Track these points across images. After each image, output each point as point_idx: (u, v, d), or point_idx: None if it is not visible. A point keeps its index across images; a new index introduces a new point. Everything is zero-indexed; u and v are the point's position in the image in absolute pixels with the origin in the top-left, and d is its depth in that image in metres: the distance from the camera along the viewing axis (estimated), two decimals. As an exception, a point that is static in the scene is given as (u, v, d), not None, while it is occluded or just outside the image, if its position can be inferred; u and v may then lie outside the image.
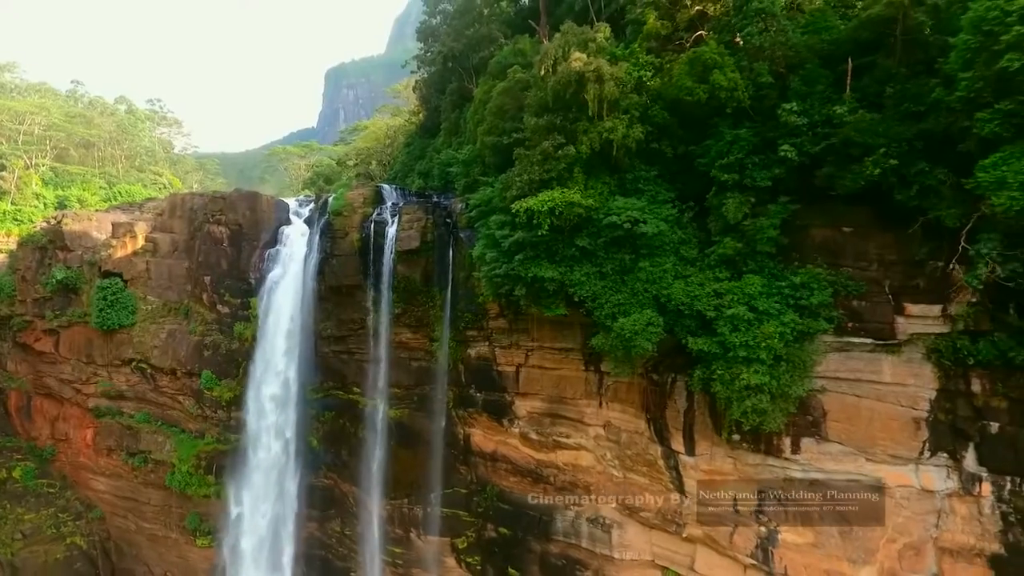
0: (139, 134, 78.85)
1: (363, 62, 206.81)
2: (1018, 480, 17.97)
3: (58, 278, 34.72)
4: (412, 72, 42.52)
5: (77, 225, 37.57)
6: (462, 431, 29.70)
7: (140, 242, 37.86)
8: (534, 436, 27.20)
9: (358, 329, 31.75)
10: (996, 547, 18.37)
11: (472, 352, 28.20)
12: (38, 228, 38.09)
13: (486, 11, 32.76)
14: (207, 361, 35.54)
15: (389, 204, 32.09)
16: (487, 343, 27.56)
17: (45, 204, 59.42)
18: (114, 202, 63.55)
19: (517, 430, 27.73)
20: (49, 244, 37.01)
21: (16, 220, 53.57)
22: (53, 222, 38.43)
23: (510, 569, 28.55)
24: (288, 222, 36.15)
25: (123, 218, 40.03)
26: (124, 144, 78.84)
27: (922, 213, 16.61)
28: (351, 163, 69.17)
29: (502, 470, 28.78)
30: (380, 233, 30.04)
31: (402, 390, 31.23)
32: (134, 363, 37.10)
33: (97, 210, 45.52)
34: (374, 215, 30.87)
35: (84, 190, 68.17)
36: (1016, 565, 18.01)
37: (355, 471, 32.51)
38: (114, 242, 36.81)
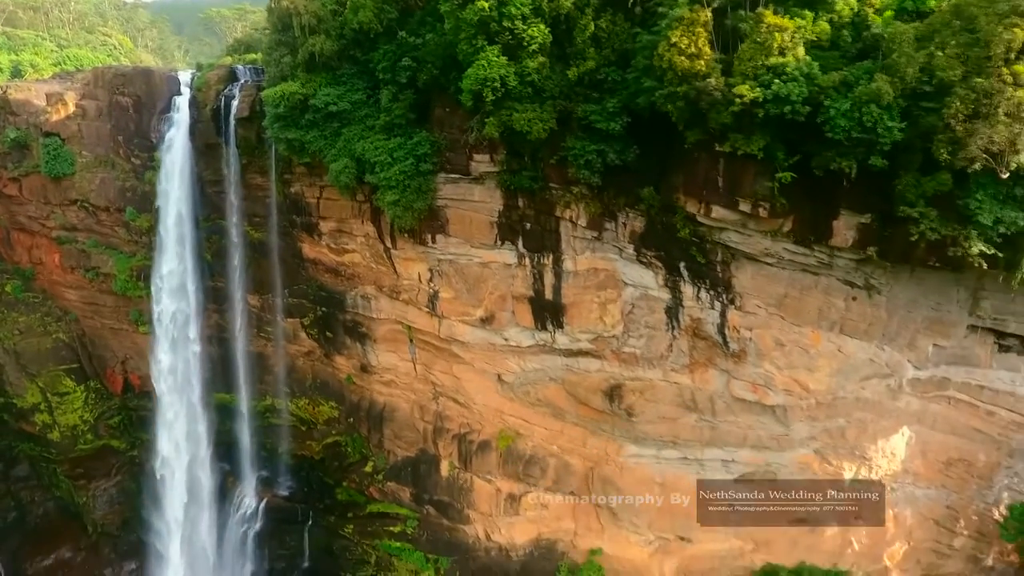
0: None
1: None
2: (538, 256, 35.14)
3: (11, 137, 51.60)
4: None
5: (19, 95, 53.60)
6: (297, 245, 47.14)
7: (71, 108, 53.59)
8: (333, 246, 44.76)
9: (225, 175, 48.27)
10: (531, 293, 35.95)
11: (292, 189, 45.08)
12: (-12, 96, 53.80)
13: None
14: (129, 200, 52.68)
15: (241, 82, 47.03)
16: (299, 183, 44.13)
17: (1, 69, 74.01)
18: (64, 66, 77.44)
19: (324, 243, 45.21)
20: (0, 110, 53.03)
21: (-25, 85, 68.58)
22: (0, 91, 54.02)
23: (327, 333, 47.24)
24: (180, 93, 51.15)
25: (56, 88, 55.79)
26: (71, 5, 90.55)
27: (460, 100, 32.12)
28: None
29: (320, 270, 46.74)
30: (228, 105, 45.60)
31: (259, 218, 48.56)
32: (78, 203, 54.23)
33: (37, 80, 60.85)
34: (225, 91, 46.18)
35: (36, 55, 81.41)
36: (537, 302, 35.69)
37: (235, 276, 50.35)
38: (49, 108, 52.76)
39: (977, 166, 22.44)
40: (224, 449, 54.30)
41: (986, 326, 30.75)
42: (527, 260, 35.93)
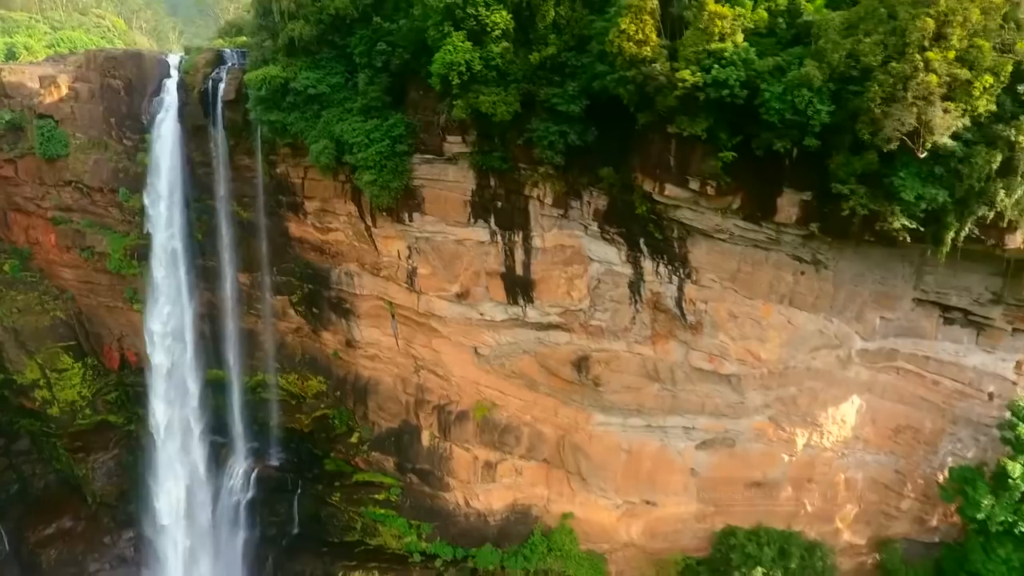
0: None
1: None
2: (509, 233, 37.26)
3: (6, 119, 53.70)
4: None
5: (13, 77, 55.57)
6: (283, 224, 49.29)
7: (64, 91, 55.51)
8: (318, 224, 46.95)
9: (214, 156, 50.29)
10: (503, 269, 38.11)
11: (278, 170, 47.22)
12: (-19, 79, 55.71)
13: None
14: (122, 181, 54.79)
15: (228, 65, 48.89)
16: (283, 164, 46.17)
17: (-5, 51, 76.02)
18: (58, 48, 79.27)
19: (309, 222, 47.39)
20: (-7, 92, 55.09)
21: (-29, 68, 70.55)
22: (-6, 74, 56.02)
23: (314, 309, 49.53)
24: (169, 76, 52.98)
25: (49, 71, 57.72)
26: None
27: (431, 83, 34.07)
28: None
29: (307, 248, 48.96)
30: (215, 88, 47.53)
31: (248, 198, 50.70)
32: (73, 184, 56.37)
33: (31, 62, 62.74)
34: (212, 74, 48.10)
35: (30, 37, 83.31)
36: (509, 278, 37.76)
37: (225, 255, 52.53)
38: (43, 91, 54.71)
39: (893, 146, 24.40)
40: (217, 423, 56.88)
41: (930, 299, 32.87)
42: (499, 237, 38.06)
